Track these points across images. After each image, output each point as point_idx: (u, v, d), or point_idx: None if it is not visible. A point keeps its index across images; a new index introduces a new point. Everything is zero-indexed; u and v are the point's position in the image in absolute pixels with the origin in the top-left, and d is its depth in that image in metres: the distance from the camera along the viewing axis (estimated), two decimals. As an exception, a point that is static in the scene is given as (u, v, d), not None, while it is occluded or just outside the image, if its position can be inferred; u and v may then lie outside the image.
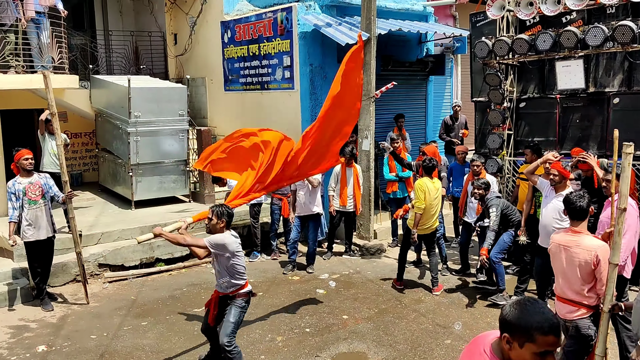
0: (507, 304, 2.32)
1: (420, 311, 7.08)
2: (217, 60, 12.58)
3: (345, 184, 9.10)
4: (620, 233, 4.13)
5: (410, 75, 12.25)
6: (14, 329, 6.75)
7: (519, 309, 2.24)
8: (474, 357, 2.36)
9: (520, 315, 2.22)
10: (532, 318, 2.20)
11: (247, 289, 5.39)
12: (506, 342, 2.25)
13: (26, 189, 7.15)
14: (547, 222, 6.36)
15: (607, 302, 4.21)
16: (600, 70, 8.13)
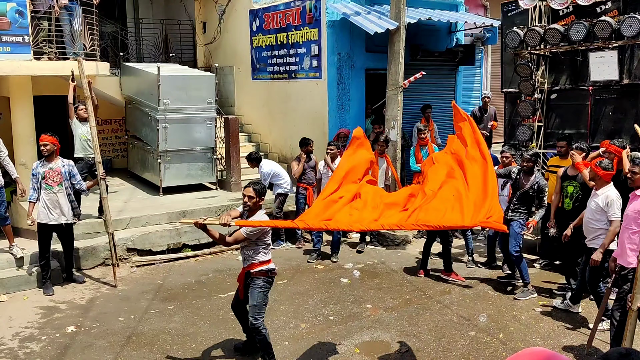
0: (612, 355, 2.14)
1: (444, 303, 7.05)
2: (245, 48, 12.63)
3: (376, 174, 8.97)
4: None
5: (439, 65, 12.14)
6: (44, 309, 6.91)
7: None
8: None
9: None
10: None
11: (265, 267, 5.31)
12: None
13: (45, 174, 7.29)
14: (586, 220, 6.27)
15: (636, 300, 4.13)
16: (635, 61, 7.94)
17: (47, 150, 7.31)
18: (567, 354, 5.69)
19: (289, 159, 11.34)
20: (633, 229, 5.17)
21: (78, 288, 7.58)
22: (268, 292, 5.40)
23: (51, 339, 6.10)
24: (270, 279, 5.39)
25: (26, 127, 9.61)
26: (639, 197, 5.17)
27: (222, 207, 9.79)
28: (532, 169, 7.33)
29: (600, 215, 6.02)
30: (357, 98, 10.73)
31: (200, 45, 14.22)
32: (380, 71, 10.48)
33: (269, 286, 5.39)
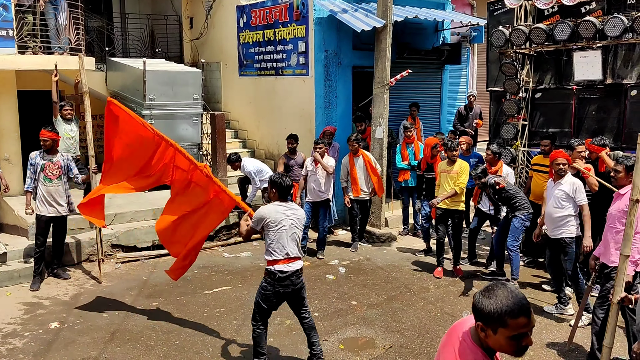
0: (476, 293, 2.30)
1: (428, 299, 7.09)
2: (232, 45, 12.59)
3: (355, 174, 9.00)
4: (632, 224, 4.10)
5: (426, 63, 12.18)
6: (28, 305, 6.86)
7: (488, 295, 2.23)
8: (453, 345, 2.34)
9: (490, 302, 2.21)
10: (501, 303, 2.19)
11: (271, 267, 5.04)
12: (480, 329, 2.24)
13: (45, 166, 7.35)
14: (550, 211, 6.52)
15: (616, 293, 4.20)
16: (619, 61, 8.03)
17: (47, 145, 7.40)
18: (549, 350, 5.76)
19: (276, 155, 11.34)
20: (617, 227, 5.22)
21: (62, 284, 7.53)
22: (270, 295, 5.10)
23: (34, 335, 6.06)
24: (272, 282, 5.06)
25: (10, 122, 9.53)
26: (622, 195, 5.23)
27: (208, 204, 9.75)
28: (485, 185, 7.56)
29: (566, 202, 6.30)
30: (343, 95, 10.75)
31: (186, 40, 14.15)
32: (367, 69, 10.50)
33: (269, 288, 5.09)
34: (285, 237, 5.02)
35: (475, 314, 2.26)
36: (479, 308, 2.23)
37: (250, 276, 7.90)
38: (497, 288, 2.25)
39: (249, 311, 6.58)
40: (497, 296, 2.22)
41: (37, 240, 7.42)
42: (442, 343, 2.44)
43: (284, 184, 5.08)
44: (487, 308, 2.21)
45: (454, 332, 2.40)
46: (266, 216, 5.01)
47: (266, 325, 5.29)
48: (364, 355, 5.68)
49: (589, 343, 5.55)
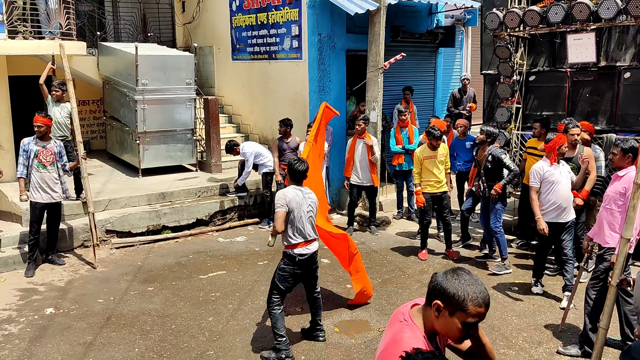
0: (440, 272, 2.29)
1: (423, 282, 7.13)
2: (225, 28, 12.50)
3: (353, 156, 8.98)
4: (636, 208, 4.11)
5: (420, 46, 12.13)
6: (23, 291, 6.87)
7: (455, 278, 2.22)
8: (395, 326, 2.32)
9: (457, 284, 2.20)
10: (468, 288, 2.20)
11: (290, 251, 5.19)
12: (436, 308, 2.22)
13: (39, 152, 7.30)
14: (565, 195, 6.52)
15: (615, 276, 4.22)
16: (612, 43, 8.02)
17: (41, 131, 7.33)
18: (543, 331, 5.82)
19: (270, 140, 11.31)
20: (612, 209, 5.25)
21: (57, 270, 7.54)
22: (288, 276, 5.23)
23: (30, 320, 6.07)
24: (291, 264, 5.20)
25: (1, 107, 9.47)
26: (620, 177, 5.26)
27: (202, 189, 9.76)
28: (485, 142, 7.53)
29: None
30: (337, 79, 10.70)
31: (179, 24, 14.03)
32: (360, 52, 10.45)
33: (288, 270, 5.21)
34: (304, 220, 5.18)
35: (436, 293, 2.23)
36: (443, 287, 2.21)
37: (245, 261, 7.92)
38: (464, 272, 2.26)
39: (245, 295, 6.63)
40: (464, 280, 2.22)
41: (32, 228, 7.39)
42: (386, 330, 2.42)
43: (298, 168, 5.22)
44: (453, 289, 2.20)
45: (396, 316, 2.38)
46: (289, 196, 5.13)
47: (283, 307, 5.34)
48: (359, 337, 5.73)
49: (581, 324, 5.61)
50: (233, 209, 9.66)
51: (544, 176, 6.35)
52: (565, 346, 5.44)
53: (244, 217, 9.77)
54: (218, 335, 5.76)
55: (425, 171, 7.91)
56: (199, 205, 9.32)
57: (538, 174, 6.38)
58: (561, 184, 6.32)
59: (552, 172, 6.36)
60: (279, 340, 5.22)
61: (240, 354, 5.39)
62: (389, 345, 2.24)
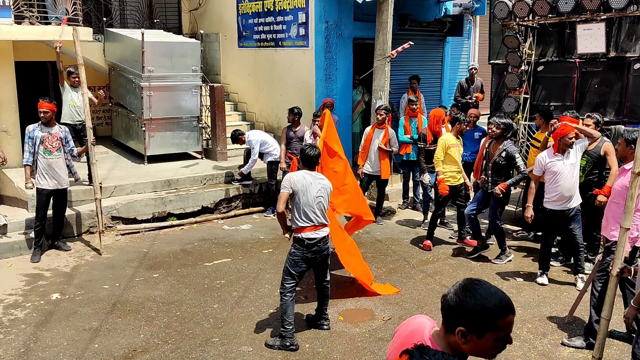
0: (449, 294, 2.02)
1: (427, 272, 7.13)
2: (231, 15, 12.44)
3: (369, 144, 8.90)
4: (634, 198, 4.09)
5: (427, 35, 12.05)
6: (29, 277, 6.90)
7: (470, 297, 1.95)
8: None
9: (475, 303, 1.93)
10: (488, 303, 1.93)
11: (299, 235, 5.18)
12: (461, 335, 1.95)
13: (44, 138, 7.28)
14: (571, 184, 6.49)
15: (615, 265, 4.21)
16: (622, 34, 7.95)
17: (47, 117, 7.30)
18: (548, 323, 5.81)
19: (276, 128, 11.29)
20: (620, 202, 5.21)
21: (62, 256, 7.56)
22: (299, 260, 5.22)
23: (35, 306, 6.10)
24: (302, 248, 5.20)
25: (8, 93, 9.45)
26: (627, 171, 5.21)
27: (208, 177, 9.76)
28: (501, 136, 7.28)
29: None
30: (344, 68, 10.65)
31: (185, 11, 13.97)
32: (367, 40, 10.39)
33: (298, 254, 5.21)
34: (312, 204, 5.17)
35: (455, 318, 1.96)
36: (461, 309, 1.94)
37: (250, 248, 7.93)
38: (475, 286, 1.99)
39: (249, 283, 6.65)
40: (479, 295, 1.95)
41: (38, 214, 7.40)
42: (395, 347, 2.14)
43: (309, 154, 5.27)
44: (473, 311, 1.92)
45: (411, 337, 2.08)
46: (295, 180, 5.14)
47: (294, 294, 5.34)
48: (363, 326, 5.73)
49: (586, 316, 5.59)
50: (238, 197, 9.66)
51: (546, 166, 6.41)
52: (570, 338, 5.44)
53: (249, 205, 9.77)
54: (223, 322, 5.77)
55: (449, 160, 7.71)
56: (205, 193, 9.33)
57: (540, 164, 6.52)
58: (563, 174, 6.32)
59: (554, 163, 6.39)
60: (286, 327, 5.22)
61: (245, 341, 5.40)
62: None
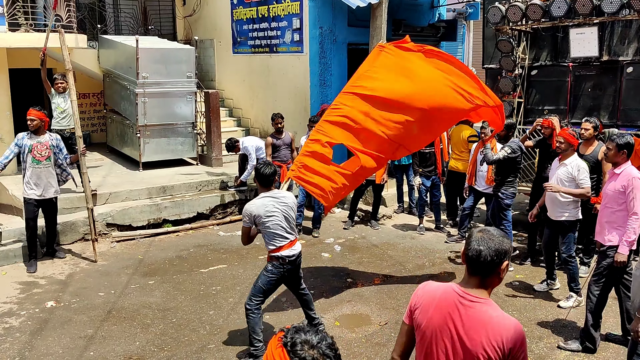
0: (472, 246, 2.41)
1: (423, 277, 7.13)
2: (225, 21, 12.46)
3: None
4: None
5: (422, 40, 11.94)
6: (24, 284, 6.87)
7: (494, 237, 2.41)
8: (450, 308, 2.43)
9: (501, 240, 2.40)
10: (506, 238, 2.45)
11: (277, 254, 5.10)
12: (505, 269, 2.43)
13: (33, 147, 7.14)
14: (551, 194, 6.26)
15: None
16: (615, 38, 7.99)
17: (34, 125, 7.13)
18: (542, 328, 5.81)
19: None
20: (613, 207, 5.22)
21: (57, 263, 7.53)
22: (274, 279, 5.15)
23: (30, 314, 6.07)
24: (281, 266, 5.13)
25: (2, 100, 9.45)
26: (617, 175, 5.21)
27: (203, 183, 9.75)
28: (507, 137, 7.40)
29: (569, 184, 6.07)
30: (338, 73, 10.67)
31: (179, 17, 13.99)
32: (362, 46, 10.41)
33: (275, 272, 5.13)
34: (281, 225, 5.09)
35: (497, 261, 2.38)
36: (505, 249, 2.39)
37: (246, 255, 7.92)
38: (487, 232, 2.44)
39: (245, 289, 6.63)
40: (499, 236, 2.43)
41: (28, 224, 7.28)
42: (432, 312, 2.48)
43: (265, 172, 5.06)
44: (508, 245, 2.41)
45: (445, 300, 2.46)
46: (254, 212, 5.01)
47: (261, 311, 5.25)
48: (360, 331, 5.73)
49: (582, 319, 5.60)
50: (234, 203, 9.65)
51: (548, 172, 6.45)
52: (566, 341, 5.44)
53: (244, 211, 9.76)
54: (219, 328, 5.76)
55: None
56: (200, 199, 9.32)
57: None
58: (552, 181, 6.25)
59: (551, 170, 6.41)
60: (256, 346, 5.09)
61: (241, 348, 5.38)
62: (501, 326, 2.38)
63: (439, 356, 2.45)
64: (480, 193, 8.20)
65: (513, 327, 2.39)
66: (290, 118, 10.34)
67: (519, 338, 2.36)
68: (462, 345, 2.39)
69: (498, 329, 2.36)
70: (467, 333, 2.38)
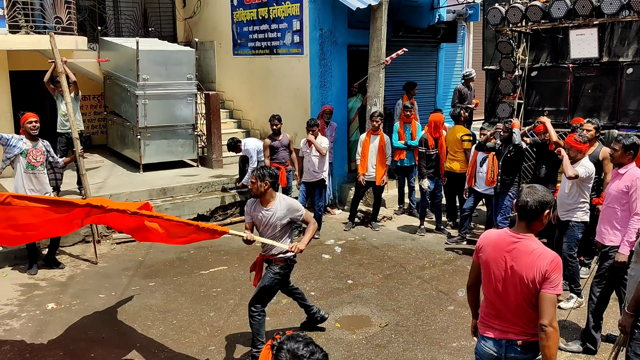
0: (522, 197, 3.20)
1: (424, 278, 7.13)
2: (226, 23, 12.46)
3: (367, 152, 8.89)
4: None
5: (422, 42, 12.10)
6: (24, 287, 6.87)
7: (537, 190, 3.22)
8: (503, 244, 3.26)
9: (544, 194, 3.20)
10: (548, 192, 3.26)
11: (287, 255, 5.13)
12: (546, 215, 3.20)
13: (28, 152, 6.97)
14: (562, 195, 6.31)
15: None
16: (615, 39, 7.99)
17: (35, 128, 6.99)
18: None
19: (271, 135, 11.28)
20: (615, 208, 5.22)
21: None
22: (280, 280, 5.18)
23: (31, 316, 6.07)
24: (287, 267, 5.20)
25: (2, 102, 9.45)
26: (621, 175, 5.21)
27: (203, 184, 9.75)
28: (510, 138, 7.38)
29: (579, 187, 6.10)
30: (339, 75, 10.67)
31: (180, 19, 14.00)
32: (362, 47, 10.41)
33: (282, 273, 5.17)
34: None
35: (540, 209, 3.17)
36: (546, 200, 3.18)
37: (247, 256, 7.91)
38: (533, 187, 3.25)
39: (246, 290, 6.63)
40: (542, 190, 3.23)
41: None
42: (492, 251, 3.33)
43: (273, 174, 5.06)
44: (550, 198, 3.21)
45: (500, 244, 3.29)
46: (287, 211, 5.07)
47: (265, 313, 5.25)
48: (360, 333, 5.72)
49: (582, 320, 5.60)
50: (234, 205, 9.65)
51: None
52: (567, 342, 5.44)
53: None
54: (219, 330, 5.76)
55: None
56: (200, 201, 9.31)
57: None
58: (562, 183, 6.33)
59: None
60: (260, 348, 5.06)
61: (242, 349, 5.39)
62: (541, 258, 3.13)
63: (496, 281, 3.29)
64: (480, 194, 8.21)
65: (549, 256, 3.13)
66: (291, 120, 10.34)
67: (552, 265, 3.10)
68: (511, 270, 3.21)
69: (537, 257, 3.14)
70: (514, 260, 3.21)
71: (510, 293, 3.23)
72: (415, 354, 5.32)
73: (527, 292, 3.16)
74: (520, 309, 3.21)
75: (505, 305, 3.27)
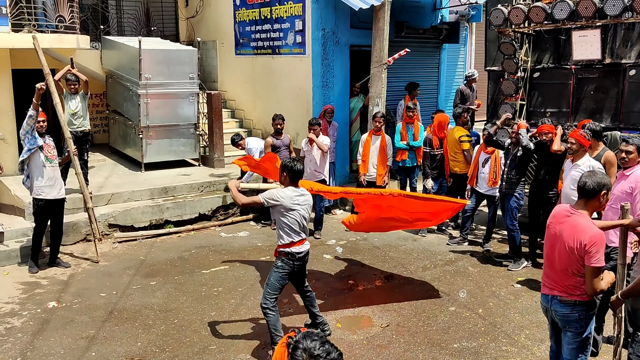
0: (584, 182, 3.77)
1: (425, 278, 7.13)
2: (228, 23, 12.47)
3: (368, 152, 8.92)
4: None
5: (424, 42, 12.09)
6: (26, 285, 6.87)
7: (596, 174, 3.82)
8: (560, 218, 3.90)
9: (602, 176, 3.80)
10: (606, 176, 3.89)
11: (288, 250, 5.17)
12: (603, 195, 3.76)
13: (43, 146, 7.06)
14: (567, 192, 6.30)
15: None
16: (618, 41, 7.99)
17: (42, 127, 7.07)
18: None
19: (273, 135, 11.29)
20: (618, 208, 5.21)
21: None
22: (286, 274, 5.22)
23: (32, 314, 6.08)
24: (291, 261, 5.20)
25: (5, 101, 9.46)
26: (627, 177, 5.21)
27: (205, 184, 9.76)
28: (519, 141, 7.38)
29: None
30: (341, 75, 10.68)
31: (182, 19, 14.00)
32: (364, 48, 10.42)
33: (287, 268, 5.20)
34: (299, 221, 5.16)
35: (597, 189, 3.74)
36: (604, 182, 3.75)
37: (248, 255, 7.92)
38: (592, 170, 4.04)
39: (247, 290, 6.64)
40: (600, 173, 3.87)
41: (41, 227, 7.19)
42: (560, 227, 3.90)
43: (297, 169, 5.15)
44: (607, 181, 3.78)
45: (560, 215, 3.92)
46: (280, 201, 5.06)
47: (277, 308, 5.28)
48: (361, 333, 5.72)
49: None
50: (235, 204, 9.66)
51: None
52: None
53: (246, 212, 9.77)
54: (220, 329, 5.76)
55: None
56: (202, 200, 9.32)
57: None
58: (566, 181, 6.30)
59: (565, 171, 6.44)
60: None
61: (243, 349, 5.39)
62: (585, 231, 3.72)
63: (551, 246, 3.97)
64: (481, 195, 8.20)
65: (591, 232, 3.68)
66: (292, 119, 10.35)
67: (592, 240, 3.65)
68: (560, 240, 3.84)
69: (581, 231, 3.72)
70: (564, 231, 3.83)
71: (557, 258, 3.90)
72: (416, 354, 5.32)
73: (567, 259, 3.81)
74: (563, 272, 3.86)
75: (553, 267, 3.95)
